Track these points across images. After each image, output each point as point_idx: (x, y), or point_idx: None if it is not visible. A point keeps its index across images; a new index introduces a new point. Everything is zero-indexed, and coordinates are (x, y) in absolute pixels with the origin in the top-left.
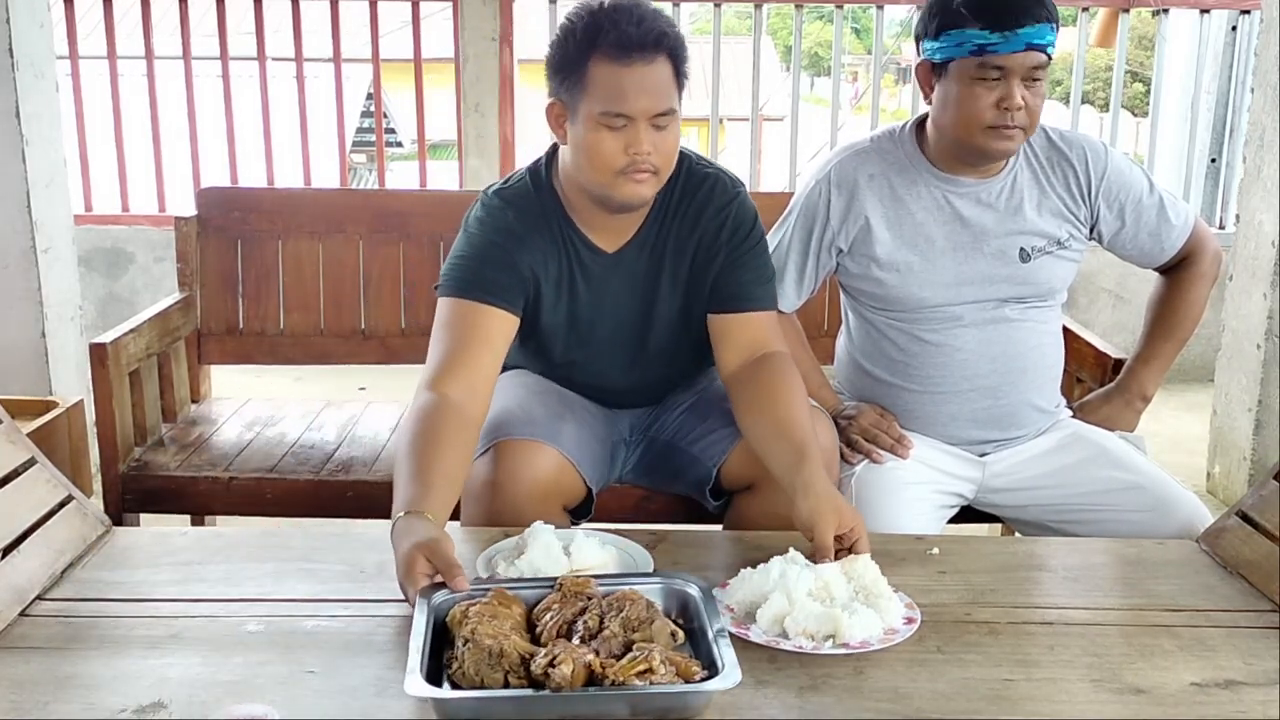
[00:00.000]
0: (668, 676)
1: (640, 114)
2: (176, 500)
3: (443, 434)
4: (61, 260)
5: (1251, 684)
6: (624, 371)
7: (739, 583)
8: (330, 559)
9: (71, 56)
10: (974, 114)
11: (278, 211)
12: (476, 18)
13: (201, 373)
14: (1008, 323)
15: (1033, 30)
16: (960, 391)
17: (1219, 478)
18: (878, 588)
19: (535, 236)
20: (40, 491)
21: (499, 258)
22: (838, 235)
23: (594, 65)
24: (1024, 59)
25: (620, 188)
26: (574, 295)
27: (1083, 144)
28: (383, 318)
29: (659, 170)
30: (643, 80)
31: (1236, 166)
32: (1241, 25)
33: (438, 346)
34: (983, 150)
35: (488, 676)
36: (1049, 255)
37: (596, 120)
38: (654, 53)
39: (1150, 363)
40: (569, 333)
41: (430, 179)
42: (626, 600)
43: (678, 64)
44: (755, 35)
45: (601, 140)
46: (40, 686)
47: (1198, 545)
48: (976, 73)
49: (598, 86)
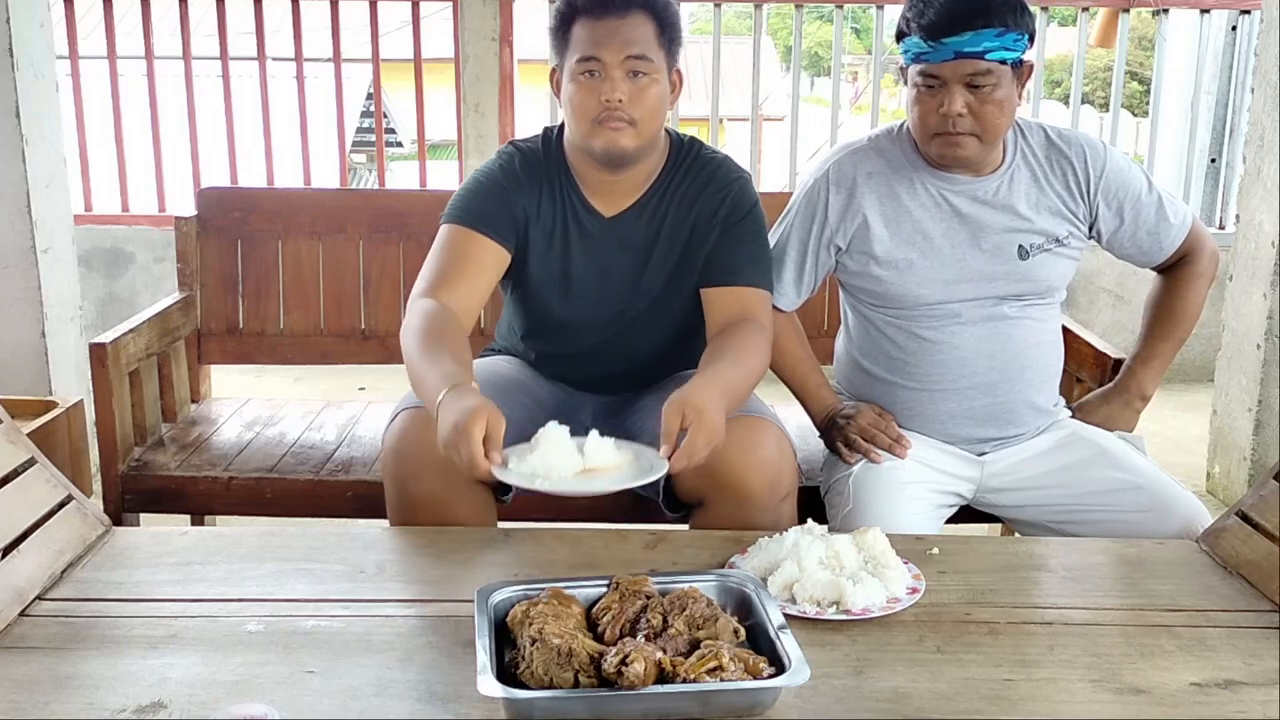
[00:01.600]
0: (737, 673)
1: (611, 59)
2: (176, 500)
3: (450, 332)
4: (61, 260)
5: (1251, 684)
6: (602, 337)
7: (756, 550)
8: (330, 559)
9: (71, 56)
10: (921, 120)
11: (278, 211)
12: (476, 18)
13: (201, 373)
14: (1006, 320)
15: (963, 39)
16: (958, 389)
17: (1219, 478)
18: (886, 558)
19: (535, 184)
20: (40, 491)
21: (497, 194)
22: (836, 233)
23: (576, 25)
24: (955, 67)
25: (597, 136)
26: (566, 250)
27: (1081, 142)
28: (382, 318)
29: (636, 121)
30: (615, 29)
31: (1236, 166)
32: (1241, 25)
33: (433, 264)
34: (936, 155)
35: (557, 676)
36: (1047, 253)
37: (574, 72)
38: (628, 7)
39: (1149, 362)
40: (558, 287)
41: (430, 179)
42: (689, 598)
43: (661, 22)
44: (755, 35)
45: (578, 90)
46: (40, 686)
47: (1197, 545)
48: (920, 80)
49: (577, 42)
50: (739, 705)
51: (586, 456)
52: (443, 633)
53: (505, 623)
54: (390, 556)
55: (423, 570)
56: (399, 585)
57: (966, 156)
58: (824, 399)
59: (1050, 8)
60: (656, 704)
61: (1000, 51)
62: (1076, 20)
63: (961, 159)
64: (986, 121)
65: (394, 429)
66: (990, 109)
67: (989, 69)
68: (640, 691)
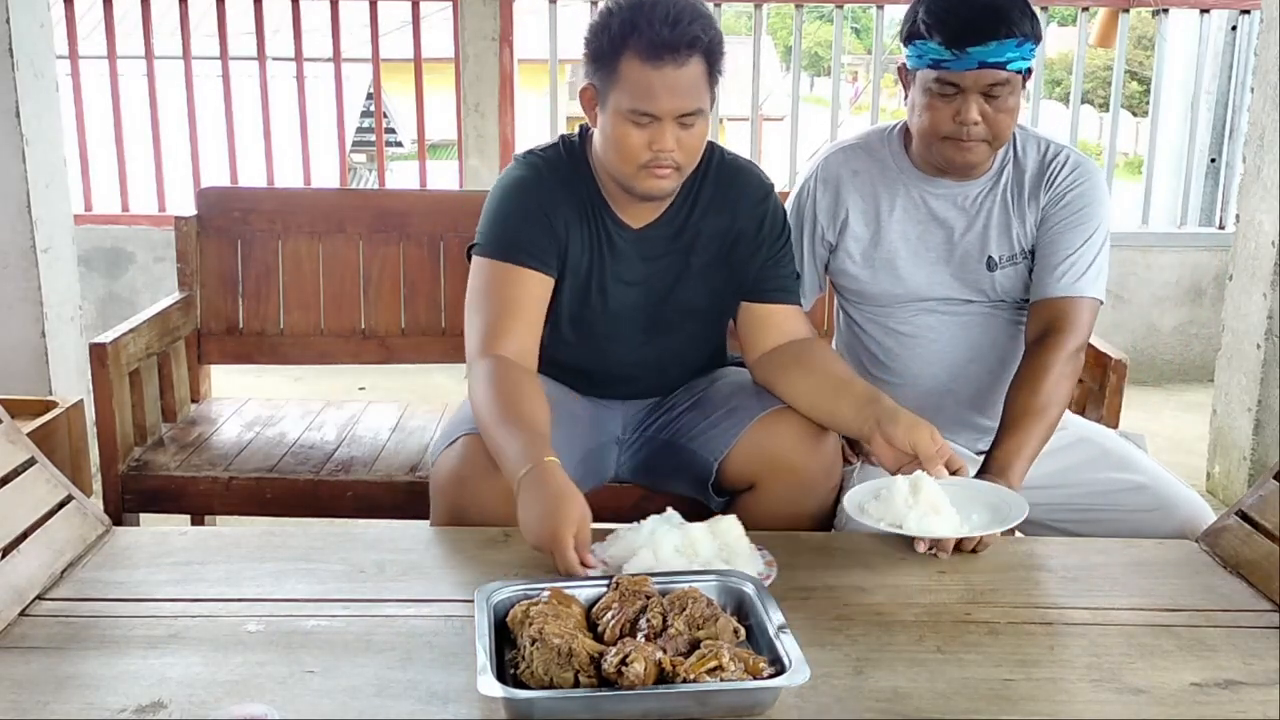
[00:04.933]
0: (738, 673)
1: (667, 114)
2: (176, 500)
3: (523, 387)
4: (61, 260)
5: (1251, 684)
6: (633, 349)
7: (614, 539)
8: (330, 559)
9: (71, 56)
10: (932, 124)
11: (278, 211)
12: (476, 18)
13: (201, 373)
14: (983, 318)
15: (988, 49)
16: (939, 382)
17: (1219, 478)
18: (738, 546)
19: (567, 198)
20: (40, 491)
21: (535, 218)
22: (826, 230)
23: (625, 61)
24: (978, 77)
25: (642, 181)
26: (598, 262)
27: (1078, 175)
28: (383, 318)
29: (682, 166)
30: (673, 82)
31: (1236, 166)
32: (1241, 25)
33: (481, 313)
34: (943, 158)
35: (557, 676)
36: (1014, 266)
37: (625, 115)
38: (686, 55)
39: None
40: (588, 301)
41: (430, 179)
42: (688, 598)
43: (712, 64)
44: (755, 35)
45: (628, 134)
46: (40, 686)
47: (1198, 545)
48: (934, 86)
49: (628, 83)
50: (739, 705)
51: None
52: (443, 633)
53: (505, 623)
54: (390, 556)
55: (423, 570)
56: (399, 585)
57: (976, 161)
58: None
59: (1050, 7)
60: (657, 704)
61: (1019, 61)
62: (1076, 20)
63: (971, 163)
64: (999, 128)
65: (453, 453)
66: (1004, 117)
67: (1007, 79)
68: (640, 691)
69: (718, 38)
